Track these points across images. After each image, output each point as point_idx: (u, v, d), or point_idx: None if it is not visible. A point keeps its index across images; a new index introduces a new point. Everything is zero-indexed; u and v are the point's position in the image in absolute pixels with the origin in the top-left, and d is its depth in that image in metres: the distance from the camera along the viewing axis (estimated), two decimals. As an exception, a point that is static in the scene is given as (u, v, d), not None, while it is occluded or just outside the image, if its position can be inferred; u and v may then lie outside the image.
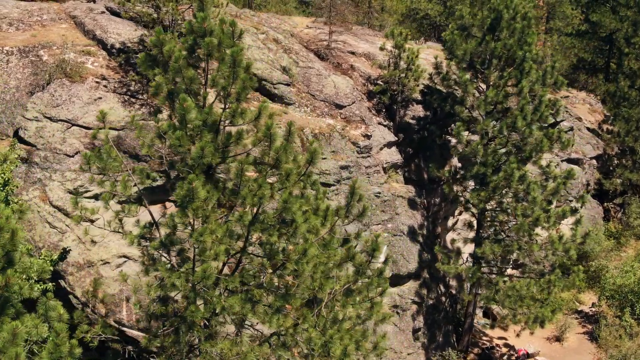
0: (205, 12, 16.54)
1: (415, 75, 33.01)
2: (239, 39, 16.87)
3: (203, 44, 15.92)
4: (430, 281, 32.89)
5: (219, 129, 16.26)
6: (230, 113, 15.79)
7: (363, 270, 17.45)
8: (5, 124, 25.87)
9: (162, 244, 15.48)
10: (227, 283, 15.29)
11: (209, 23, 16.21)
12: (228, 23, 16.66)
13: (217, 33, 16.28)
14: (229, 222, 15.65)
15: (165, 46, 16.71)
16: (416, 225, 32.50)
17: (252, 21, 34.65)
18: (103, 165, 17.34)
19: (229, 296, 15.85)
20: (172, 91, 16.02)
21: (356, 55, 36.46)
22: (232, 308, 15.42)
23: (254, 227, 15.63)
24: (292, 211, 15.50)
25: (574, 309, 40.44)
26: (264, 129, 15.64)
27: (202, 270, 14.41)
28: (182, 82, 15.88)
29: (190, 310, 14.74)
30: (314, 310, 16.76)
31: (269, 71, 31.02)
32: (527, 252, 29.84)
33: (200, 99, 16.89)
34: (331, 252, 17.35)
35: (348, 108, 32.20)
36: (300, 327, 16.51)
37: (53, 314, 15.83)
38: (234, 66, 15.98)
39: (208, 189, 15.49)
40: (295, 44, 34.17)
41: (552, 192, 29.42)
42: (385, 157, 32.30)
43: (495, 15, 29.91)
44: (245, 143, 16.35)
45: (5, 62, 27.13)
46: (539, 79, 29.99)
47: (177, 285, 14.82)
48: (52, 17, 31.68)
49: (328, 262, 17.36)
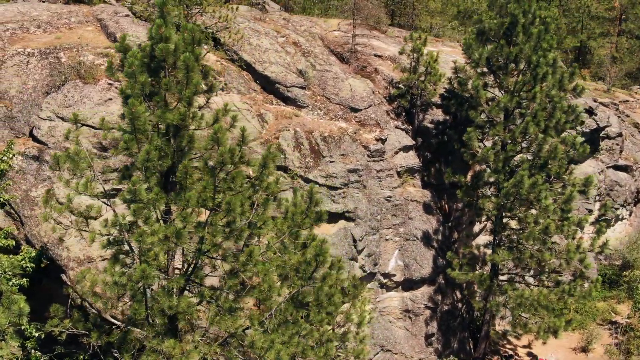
0: (164, 19, 16.91)
1: (433, 80, 32.77)
2: (199, 45, 17.24)
3: (157, 49, 16.33)
4: (445, 287, 32.62)
5: (176, 133, 16.62)
6: (179, 117, 16.10)
7: (308, 276, 17.51)
8: (22, 122, 26.97)
9: (109, 243, 16.01)
10: (172, 283, 15.68)
11: (165, 30, 16.59)
12: (188, 29, 17.07)
13: (176, 40, 16.68)
14: (174, 224, 16.01)
15: (128, 52, 17.20)
16: (431, 230, 32.27)
17: (275, 24, 35.03)
18: (73, 166, 17.93)
19: (181, 296, 16.25)
20: (127, 95, 16.47)
21: (382, 58, 36.41)
22: (177, 307, 15.80)
23: (199, 228, 15.95)
24: (236, 214, 15.73)
25: (608, 320, 39.41)
26: (212, 134, 15.87)
27: (140, 270, 14.83)
28: (136, 86, 16.31)
29: (134, 307, 15.23)
30: (264, 313, 17.00)
31: (284, 74, 31.36)
32: (539, 260, 29.23)
33: (162, 103, 17.28)
34: (289, 256, 17.50)
35: (363, 111, 32.22)
36: (252, 329, 16.75)
37: (14, 307, 16.59)
38: (187, 71, 16.34)
39: (156, 192, 15.90)
40: (317, 47, 34.38)
41: (565, 200, 28.69)
42: (400, 161, 32.17)
43: (511, 20, 29.43)
44: (199, 147, 16.66)
45: (25, 63, 28.28)
46: (556, 85, 29.33)
47: (120, 283, 15.32)
48: (80, 19, 32.83)
49: (285, 265, 17.53)
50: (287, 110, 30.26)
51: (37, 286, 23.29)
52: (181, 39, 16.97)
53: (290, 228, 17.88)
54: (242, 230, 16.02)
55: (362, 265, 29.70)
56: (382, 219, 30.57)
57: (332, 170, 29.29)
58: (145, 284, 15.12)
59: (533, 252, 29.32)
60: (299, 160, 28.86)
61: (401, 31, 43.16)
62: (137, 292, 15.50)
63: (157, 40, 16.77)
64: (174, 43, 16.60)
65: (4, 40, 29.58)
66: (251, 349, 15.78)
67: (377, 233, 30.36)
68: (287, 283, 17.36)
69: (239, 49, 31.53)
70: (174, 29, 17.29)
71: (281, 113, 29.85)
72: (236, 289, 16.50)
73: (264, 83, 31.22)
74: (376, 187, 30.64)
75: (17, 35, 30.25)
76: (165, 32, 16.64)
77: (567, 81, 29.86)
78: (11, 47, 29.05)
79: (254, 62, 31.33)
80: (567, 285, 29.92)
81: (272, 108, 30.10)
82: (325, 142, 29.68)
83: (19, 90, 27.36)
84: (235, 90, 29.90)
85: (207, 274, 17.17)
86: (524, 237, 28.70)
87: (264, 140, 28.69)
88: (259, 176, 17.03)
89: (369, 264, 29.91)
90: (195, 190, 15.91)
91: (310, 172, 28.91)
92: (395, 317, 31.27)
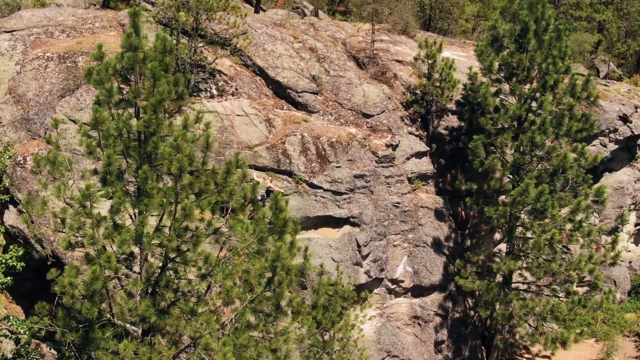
0: (136, 28, 17.43)
1: (447, 86, 32.67)
2: (169, 54, 17.73)
3: (125, 58, 16.89)
4: (457, 294, 32.44)
5: (146, 140, 17.11)
6: (144, 124, 16.59)
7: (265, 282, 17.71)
8: (38, 124, 28.00)
9: (69, 245, 16.62)
10: (129, 285, 16.20)
11: (133, 39, 17.12)
12: (160, 38, 17.59)
13: (146, 49, 17.21)
14: (136, 227, 16.52)
15: (103, 59, 17.81)
16: (442, 236, 32.17)
17: (295, 30, 35.40)
18: (52, 169, 18.63)
19: (142, 299, 16.75)
20: (96, 102, 17.07)
21: (403, 63, 36.40)
22: (136, 310, 16.31)
23: (157, 233, 16.43)
24: (193, 219, 16.15)
25: (635, 332, 38.56)
26: (171, 140, 16.32)
27: (91, 272, 15.40)
28: (103, 93, 16.89)
29: (85, 307, 15.83)
30: (222, 317, 17.37)
31: (295, 80, 31.70)
32: (546, 270, 28.88)
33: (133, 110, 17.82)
34: (253, 262, 17.81)
35: (375, 117, 32.34)
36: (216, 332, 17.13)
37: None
38: (154, 79, 16.83)
39: (119, 195, 16.45)
40: (334, 52, 34.62)
41: (573, 210, 28.25)
42: (412, 167, 32.16)
43: (521, 27, 29.17)
44: (165, 152, 17.08)
45: (43, 67, 29.33)
46: (567, 93, 28.92)
47: (73, 285, 15.95)
48: (104, 24, 33.83)
49: (251, 270, 17.84)
50: (297, 115, 30.60)
51: (46, 283, 24.21)
52: (152, 48, 17.52)
53: (259, 234, 18.14)
54: (198, 235, 16.41)
55: (367, 270, 29.82)
56: (389, 225, 30.63)
57: (338, 176, 29.50)
58: (97, 286, 15.67)
59: (541, 262, 28.98)
60: (304, 165, 29.17)
61: (431, 35, 42.97)
62: (94, 293, 16.05)
63: (127, 49, 17.33)
64: (143, 52, 17.12)
65: (26, 45, 30.74)
66: (204, 351, 16.17)
67: (385, 239, 30.43)
68: (248, 288, 17.66)
69: (253, 55, 32.01)
70: (146, 38, 17.83)
71: (290, 118, 30.20)
72: (198, 293, 16.90)
73: (276, 88, 31.64)
74: (384, 192, 30.72)
75: (41, 40, 31.37)
76: (134, 42, 17.17)
77: (580, 89, 29.42)
78: (32, 52, 30.16)
79: (266, 68, 31.78)
80: (576, 296, 29.45)
81: (282, 113, 30.49)
82: (333, 148, 29.92)
83: (36, 93, 28.40)
84: (246, 95, 30.36)
85: (171, 277, 17.61)
86: (528, 246, 28.39)
87: (270, 145, 29.10)
88: (223, 182, 17.39)
89: (374, 270, 30.01)
90: (158, 195, 16.40)
91: (316, 177, 29.20)
92: (404, 323, 31.25)
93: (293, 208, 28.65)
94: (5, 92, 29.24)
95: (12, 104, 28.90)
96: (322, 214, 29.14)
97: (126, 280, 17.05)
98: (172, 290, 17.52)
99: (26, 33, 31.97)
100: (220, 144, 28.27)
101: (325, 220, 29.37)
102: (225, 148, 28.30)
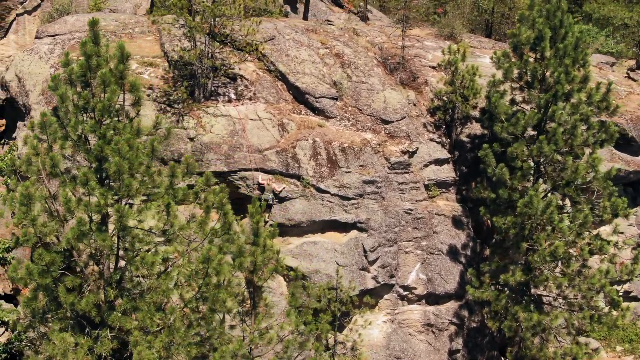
0: (95, 37, 18.50)
1: (469, 93, 32.37)
2: (127, 60, 18.72)
3: (76, 66, 18.02)
4: (474, 303, 32.04)
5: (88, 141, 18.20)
6: (90, 128, 17.60)
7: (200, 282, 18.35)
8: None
9: (17, 241, 17.93)
10: (67, 281, 17.31)
11: (88, 47, 18.19)
12: (118, 46, 18.63)
13: (99, 58, 18.27)
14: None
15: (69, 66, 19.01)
16: (459, 245, 31.91)
17: (325, 36, 35.85)
18: (25, 169, 19.96)
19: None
20: (54, 108, 18.25)
21: (437, 69, 36.22)
22: (76, 306, 17.42)
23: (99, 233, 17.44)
24: (127, 220, 17.06)
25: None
26: (113, 145, 17.24)
27: (25, 266, 16.61)
28: (57, 99, 18.04)
29: (25, 298, 17.08)
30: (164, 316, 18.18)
31: (314, 85, 32.20)
32: (553, 282, 28.27)
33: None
34: (197, 262, 18.54)
35: (395, 123, 32.41)
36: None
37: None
38: (104, 85, 17.86)
39: (65, 194, 17.58)
40: (362, 58, 34.85)
41: (581, 223, 27.53)
42: (430, 174, 32.05)
43: (536, 35, 28.64)
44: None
45: (75, 70, 31.02)
46: (582, 102, 28.19)
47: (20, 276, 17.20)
48: (143, 30, 35.38)
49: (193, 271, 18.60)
50: (312, 120, 31.11)
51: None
52: (111, 56, 18.58)
53: (209, 236, 18.87)
54: (134, 236, 17.28)
55: (374, 276, 29.99)
56: (400, 232, 30.67)
57: (347, 181, 29.84)
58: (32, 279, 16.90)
59: (548, 275, 28.40)
60: (313, 169, 29.66)
61: (481, 41, 42.46)
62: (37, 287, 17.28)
63: (87, 57, 18.43)
64: (96, 60, 18.18)
65: (64, 48, 32.58)
66: (134, 348, 17.03)
67: (395, 245, 30.50)
68: (188, 288, 18.40)
69: (276, 60, 32.75)
70: (105, 47, 18.90)
71: (305, 123, 30.75)
72: (136, 291, 17.80)
73: (295, 93, 32.25)
74: (396, 199, 30.80)
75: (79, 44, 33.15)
76: (88, 49, 18.25)
77: (598, 99, 28.63)
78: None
79: (288, 73, 32.44)
80: (589, 312, 28.65)
81: (297, 118, 31.07)
82: (344, 153, 30.26)
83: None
84: (263, 99, 31.13)
85: (121, 275, 18.58)
86: (531, 258, 27.87)
87: (280, 148, 29.75)
88: (169, 186, 18.19)
89: (383, 275, 30.14)
90: (100, 197, 17.40)
91: (324, 181, 29.64)
92: (416, 330, 31.21)
93: (299, 211, 29.24)
94: (39, 94, 31.15)
95: (44, 104, 30.76)
96: (328, 218, 29.53)
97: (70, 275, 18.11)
98: (117, 288, 18.49)
99: (67, 37, 33.87)
100: (230, 147, 29.15)
101: (332, 224, 29.76)
102: (235, 151, 29.13)
